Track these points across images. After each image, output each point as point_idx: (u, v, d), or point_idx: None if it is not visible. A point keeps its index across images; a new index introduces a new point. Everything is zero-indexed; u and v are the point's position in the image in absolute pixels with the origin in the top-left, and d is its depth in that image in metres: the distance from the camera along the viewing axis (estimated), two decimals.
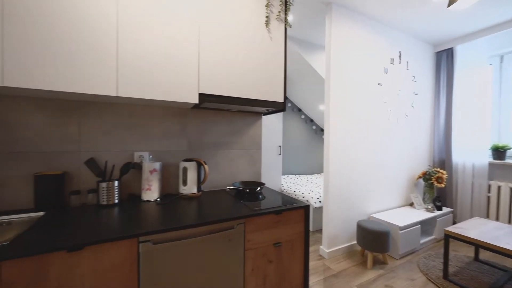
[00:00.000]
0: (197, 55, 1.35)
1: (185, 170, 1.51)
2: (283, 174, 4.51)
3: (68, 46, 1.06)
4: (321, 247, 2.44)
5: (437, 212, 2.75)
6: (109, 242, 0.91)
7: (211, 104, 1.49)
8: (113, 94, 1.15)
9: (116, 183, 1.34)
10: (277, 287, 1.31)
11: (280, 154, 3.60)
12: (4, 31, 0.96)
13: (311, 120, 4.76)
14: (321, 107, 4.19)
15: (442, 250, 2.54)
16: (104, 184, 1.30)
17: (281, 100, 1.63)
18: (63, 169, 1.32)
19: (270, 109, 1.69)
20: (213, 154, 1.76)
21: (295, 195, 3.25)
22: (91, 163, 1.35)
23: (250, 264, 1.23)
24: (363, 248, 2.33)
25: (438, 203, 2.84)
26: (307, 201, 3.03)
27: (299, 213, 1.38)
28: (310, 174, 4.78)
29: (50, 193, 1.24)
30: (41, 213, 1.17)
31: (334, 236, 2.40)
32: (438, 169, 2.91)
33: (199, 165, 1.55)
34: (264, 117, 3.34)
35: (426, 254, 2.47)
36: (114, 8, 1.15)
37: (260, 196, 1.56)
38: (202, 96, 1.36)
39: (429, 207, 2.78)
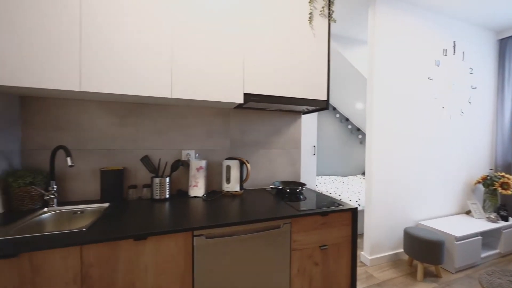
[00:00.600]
0: (242, 57, 1.37)
1: (228, 168, 1.56)
2: (317, 175, 4.38)
3: (133, 57, 1.16)
4: (362, 253, 2.31)
5: (503, 223, 2.40)
6: (168, 234, 0.97)
7: (253, 104, 1.51)
8: (168, 96, 1.23)
9: (167, 179, 1.43)
10: None
11: (314, 154, 3.50)
12: (82, 45, 1.09)
13: (347, 119, 4.54)
14: (359, 105, 3.97)
15: (510, 267, 2.20)
16: (157, 180, 1.40)
17: (324, 98, 1.58)
18: (123, 165, 1.45)
19: (312, 108, 1.64)
20: (253, 153, 1.78)
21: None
22: (146, 160, 1.47)
23: (296, 265, 1.21)
24: (412, 258, 2.14)
25: (503, 213, 2.47)
26: None
27: (346, 216, 1.32)
28: (346, 176, 4.56)
29: (113, 186, 1.38)
30: (106, 204, 1.30)
31: (377, 242, 2.24)
32: (503, 174, 2.54)
33: (242, 164, 1.58)
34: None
35: (489, 270, 2.16)
36: (169, 25, 1.23)
37: (301, 197, 1.53)
38: (247, 96, 1.39)
39: (492, 216, 2.44)
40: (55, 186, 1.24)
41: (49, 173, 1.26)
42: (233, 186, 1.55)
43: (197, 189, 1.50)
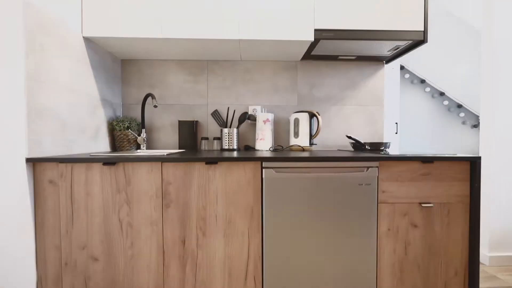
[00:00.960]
0: None
1: (296, 121, 1.43)
2: None
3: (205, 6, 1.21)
4: None
5: None
6: (238, 161, 0.94)
7: (325, 45, 1.32)
8: (236, 37, 1.21)
9: (235, 130, 1.43)
10: (424, 261, 0.97)
11: (396, 133, 2.94)
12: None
13: (442, 94, 3.63)
14: (461, 71, 3.10)
15: None
16: (226, 130, 1.42)
17: (420, 28, 1.24)
18: (196, 119, 1.55)
19: (402, 45, 1.32)
20: (324, 109, 1.59)
21: None
22: (216, 114, 1.52)
23: (385, 221, 0.96)
24: None
25: None
26: None
27: (461, 168, 0.97)
28: None
29: (188, 136, 1.48)
30: (183, 150, 1.40)
31: (502, 236, 1.63)
32: None
33: (312, 116, 1.42)
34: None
35: None
36: None
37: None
38: (318, 32, 1.23)
39: None
40: (145, 133, 1.43)
41: (141, 122, 1.45)
42: (302, 140, 1.42)
43: (264, 143, 1.44)
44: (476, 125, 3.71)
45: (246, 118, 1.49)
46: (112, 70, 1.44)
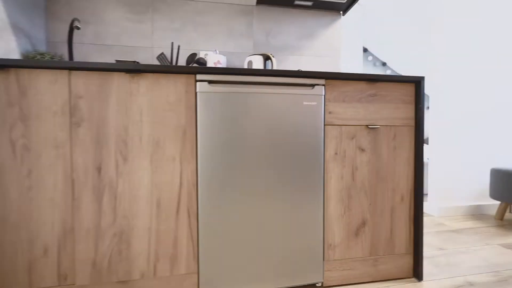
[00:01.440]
0: None
1: (250, 64, 1.33)
2: None
3: None
4: (425, 202, 1.81)
5: None
6: (167, 73, 0.80)
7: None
8: None
9: None
10: (372, 187, 0.93)
11: None
12: None
13: (384, 64, 3.85)
14: (416, 53, 3.29)
15: None
16: None
17: None
18: (140, 62, 1.37)
19: None
20: (281, 59, 1.51)
21: None
22: (162, 57, 1.35)
23: (332, 145, 0.90)
24: (506, 203, 1.56)
25: None
26: None
27: (406, 90, 0.95)
28: None
29: None
30: None
31: (448, 189, 1.72)
32: None
33: (266, 59, 1.33)
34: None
35: None
36: None
37: None
38: None
39: None
40: None
41: (69, 59, 1.24)
42: None
43: None
44: None
45: (195, 60, 1.35)
46: None
